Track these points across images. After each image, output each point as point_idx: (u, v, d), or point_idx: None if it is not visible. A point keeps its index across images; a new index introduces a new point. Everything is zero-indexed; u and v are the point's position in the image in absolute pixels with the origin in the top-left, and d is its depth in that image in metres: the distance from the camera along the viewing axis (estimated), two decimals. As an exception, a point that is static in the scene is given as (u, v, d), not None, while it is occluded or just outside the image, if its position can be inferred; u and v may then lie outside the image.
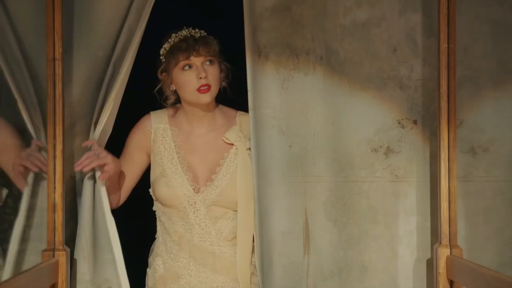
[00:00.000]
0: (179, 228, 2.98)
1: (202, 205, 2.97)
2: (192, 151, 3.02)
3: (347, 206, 3.07)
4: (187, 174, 2.98)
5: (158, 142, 3.02)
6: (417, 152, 3.06)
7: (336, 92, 3.09)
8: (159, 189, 2.98)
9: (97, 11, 3.07)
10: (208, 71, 2.94)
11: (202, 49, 2.94)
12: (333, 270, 2.95)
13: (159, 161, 3.00)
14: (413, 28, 3.10)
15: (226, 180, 2.99)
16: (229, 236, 2.97)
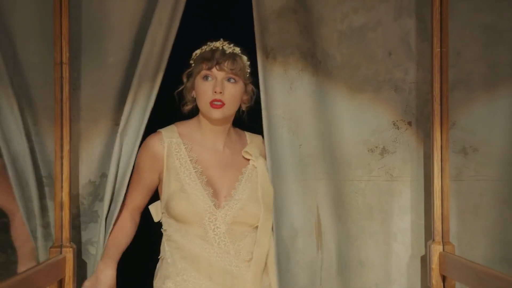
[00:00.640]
0: (195, 247, 2.88)
1: (223, 222, 2.88)
2: (209, 166, 2.94)
3: (344, 204, 3.12)
4: (207, 190, 2.89)
5: (173, 157, 2.92)
6: (411, 153, 3.13)
7: (334, 95, 3.14)
8: (178, 205, 2.88)
9: (106, 18, 3.12)
10: (227, 88, 2.88)
11: (227, 65, 2.88)
12: (342, 265, 3.03)
13: (175, 177, 2.91)
14: (408, 33, 3.16)
15: (246, 195, 2.92)
16: (247, 256, 2.90)
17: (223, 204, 2.88)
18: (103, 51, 3.15)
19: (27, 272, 2.37)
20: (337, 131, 3.13)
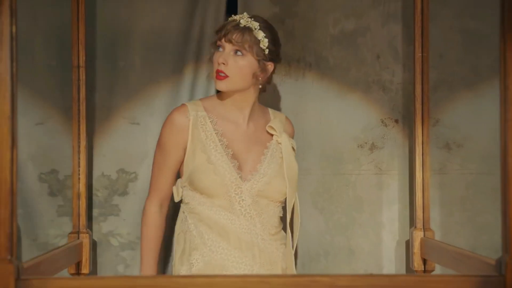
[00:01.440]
0: (222, 219, 2.84)
1: (248, 195, 2.85)
2: (234, 140, 2.89)
3: (335, 196, 3.30)
4: (233, 162, 2.85)
5: (198, 129, 2.87)
6: (398, 148, 3.30)
7: (326, 95, 3.30)
8: (205, 177, 2.83)
9: (118, 26, 3.30)
10: (231, 60, 2.82)
11: (234, 37, 2.82)
12: (320, 253, 3.21)
13: (201, 148, 2.86)
14: (395, 38, 3.32)
15: (272, 170, 2.89)
16: (272, 230, 2.89)
17: (249, 177, 2.84)
18: (116, 56, 3.30)
19: (50, 253, 2.63)
20: (329, 128, 3.30)
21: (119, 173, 3.26)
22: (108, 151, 3.28)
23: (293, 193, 2.87)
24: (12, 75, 1.97)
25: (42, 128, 3.22)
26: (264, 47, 2.83)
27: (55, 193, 3.25)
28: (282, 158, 2.88)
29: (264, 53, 2.83)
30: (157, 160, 2.88)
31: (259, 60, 2.83)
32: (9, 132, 1.96)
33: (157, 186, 2.89)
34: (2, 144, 1.96)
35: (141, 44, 3.33)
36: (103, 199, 3.25)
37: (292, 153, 2.90)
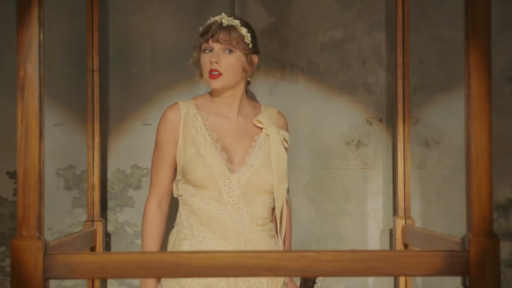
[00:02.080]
0: (211, 209, 2.79)
1: (237, 186, 2.79)
2: (224, 134, 2.85)
3: (325, 188, 3.40)
4: (222, 155, 2.80)
5: (189, 125, 2.84)
6: (382, 145, 3.40)
7: (317, 97, 3.40)
8: (195, 169, 2.80)
9: (129, 34, 3.40)
10: (223, 58, 2.79)
11: (222, 37, 2.79)
12: (311, 239, 3.33)
13: (191, 142, 2.83)
14: (379, 45, 3.41)
15: (259, 161, 2.83)
16: (259, 220, 2.82)
17: (237, 169, 2.79)
18: (127, 62, 3.41)
19: (69, 237, 2.76)
20: (319, 127, 3.40)
21: (133, 168, 3.38)
22: (123, 149, 3.40)
23: (281, 184, 2.82)
24: (40, 77, 2.13)
25: (60, 128, 3.35)
26: (248, 41, 2.82)
27: (71, 187, 3.37)
28: (270, 149, 2.84)
29: (249, 47, 2.82)
30: (154, 158, 2.86)
31: (246, 54, 2.82)
32: (38, 126, 2.13)
33: (155, 183, 2.85)
34: (32, 137, 2.13)
35: (151, 51, 3.42)
36: (119, 192, 3.37)
37: (281, 145, 2.85)
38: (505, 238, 3.41)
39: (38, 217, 2.11)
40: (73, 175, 3.40)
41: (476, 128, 2.11)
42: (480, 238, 2.07)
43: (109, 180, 3.39)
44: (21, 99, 2.15)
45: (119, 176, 3.39)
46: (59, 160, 3.36)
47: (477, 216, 2.08)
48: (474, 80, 2.11)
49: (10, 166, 3.40)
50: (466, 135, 2.13)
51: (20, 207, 2.10)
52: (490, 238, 2.07)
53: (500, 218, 3.42)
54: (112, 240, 3.38)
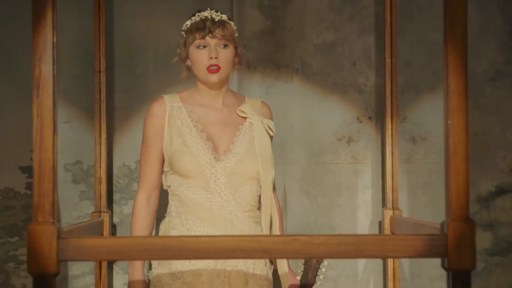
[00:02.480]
0: (198, 198, 2.78)
1: (223, 174, 2.77)
2: (208, 124, 2.84)
3: (318, 182, 3.48)
4: (207, 144, 2.79)
5: (174, 118, 2.83)
6: (371, 141, 3.49)
7: (311, 96, 3.48)
8: (181, 159, 2.78)
9: (133, 37, 3.48)
10: (220, 53, 2.79)
11: (218, 32, 2.79)
12: (305, 230, 3.42)
13: (177, 134, 2.81)
14: (368, 47, 3.49)
15: (244, 149, 2.81)
16: (246, 207, 2.81)
17: (223, 157, 2.78)
18: (132, 63, 3.48)
19: (78, 225, 2.89)
20: (312, 124, 3.48)
21: (137, 163, 3.44)
22: (127, 145, 3.49)
23: (267, 170, 2.80)
24: (53, 76, 2.25)
25: (68, 125, 3.44)
26: (236, 35, 2.87)
27: (79, 181, 3.48)
28: (254, 137, 2.83)
29: (236, 39, 2.86)
30: (142, 152, 2.87)
31: (236, 47, 2.84)
32: (51, 121, 2.24)
33: (143, 177, 2.85)
34: (46, 131, 2.25)
35: (154, 53, 3.50)
36: (124, 186, 3.47)
37: (265, 133, 2.84)
38: (487, 229, 3.53)
39: (52, 204, 2.23)
40: (80, 170, 3.50)
41: (454, 122, 2.25)
42: (458, 223, 2.21)
43: (115, 174, 3.49)
44: (36, 96, 2.26)
45: (124, 170, 3.49)
46: (67, 156, 3.44)
47: (455, 203, 2.23)
48: (452, 78, 2.24)
49: (22, 161, 3.49)
50: (445, 129, 2.27)
51: (36, 195, 2.21)
52: (467, 223, 2.20)
53: (482, 210, 3.54)
54: (117, 231, 3.49)
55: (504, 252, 3.57)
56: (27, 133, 3.26)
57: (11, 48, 3.53)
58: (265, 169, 2.78)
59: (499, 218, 3.56)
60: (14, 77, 3.51)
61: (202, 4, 3.45)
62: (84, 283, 3.48)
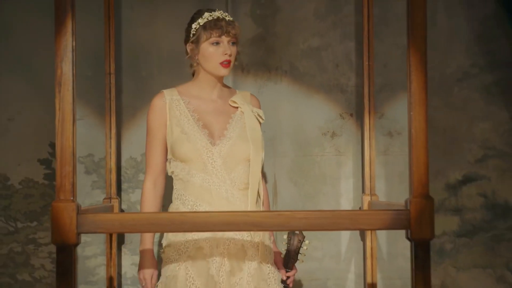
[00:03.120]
0: (198, 180, 2.88)
1: (218, 157, 2.88)
2: (204, 113, 2.95)
3: (305, 172, 3.63)
4: (203, 131, 2.90)
5: (174, 109, 2.93)
6: (353, 135, 3.62)
7: (298, 95, 3.62)
8: (181, 145, 2.89)
9: (139, 42, 3.59)
10: (231, 50, 2.91)
11: (232, 32, 2.90)
12: None
13: (176, 123, 2.92)
14: (350, 52, 3.62)
15: (236, 134, 2.91)
16: (241, 185, 2.90)
17: (218, 142, 2.89)
18: (138, 66, 3.60)
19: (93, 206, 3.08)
20: (300, 120, 3.61)
21: (143, 156, 3.60)
22: (134, 140, 3.62)
23: (257, 152, 2.90)
24: (72, 74, 2.47)
25: (81, 122, 3.55)
26: None
27: (91, 172, 3.64)
28: (245, 124, 2.94)
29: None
30: (147, 142, 2.97)
31: (238, 45, 2.98)
32: (71, 113, 2.47)
33: (149, 165, 2.96)
34: (67, 122, 2.46)
35: (158, 57, 3.63)
36: (131, 176, 3.63)
37: (255, 120, 2.95)
38: (455, 213, 3.71)
39: (72, 184, 2.45)
40: (92, 162, 3.67)
41: (415, 114, 2.47)
42: (419, 200, 2.43)
43: (123, 166, 3.65)
44: (58, 92, 2.48)
45: (131, 162, 3.66)
46: (80, 149, 3.56)
47: (416, 182, 2.45)
48: (413, 77, 2.47)
49: (40, 154, 3.68)
50: (408, 119, 2.48)
51: (58, 177, 2.45)
52: (427, 200, 2.43)
53: (450, 197, 3.72)
54: (125, 216, 3.67)
55: (470, 234, 3.74)
56: (44, 129, 3.63)
57: (29, 55, 3.68)
58: (256, 151, 2.89)
59: (466, 204, 3.73)
60: (32, 80, 3.67)
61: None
62: (96, 263, 3.66)
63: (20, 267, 3.70)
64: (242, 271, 2.87)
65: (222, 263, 2.85)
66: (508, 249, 3.77)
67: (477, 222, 3.76)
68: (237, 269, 2.87)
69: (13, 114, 3.69)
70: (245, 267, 2.88)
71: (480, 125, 3.74)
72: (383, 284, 3.67)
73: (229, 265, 2.86)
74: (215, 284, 2.84)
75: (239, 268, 2.87)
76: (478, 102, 3.74)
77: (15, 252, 3.70)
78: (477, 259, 3.76)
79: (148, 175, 2.99)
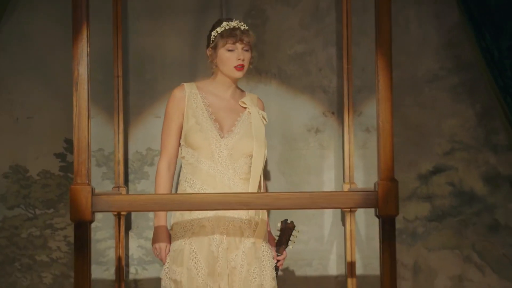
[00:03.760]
0: (205, 167, 3.02)
1: (225, 148, 3.02)
2: (217, 109, 3.09)
3: (292, 164, 3.78)
4: (215, 124, 3.05)
5: (191, 101, 3.07)
6: (334, 131, 3.77)
7: (285, 95, 3.77)
8: (194, 134, 3.03)
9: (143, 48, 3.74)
10: (245, 55, 3.06)
11: (245, 40, 3.05)
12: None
13: (192, 114, 3.06)
14: (331, 56, 3.77)
15: (243, 130, 3.06)
16: (242, 175, 3.04)
17: (226, 136, 3.05)
18: (143, 70, 3.75)
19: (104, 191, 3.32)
20: (287, 118, 3.77)
21: (147, 150, 3.79)
22: (140, 136, 3.79)
23: (260, 148, 3.04)
24: (87, 76, 2.68)
25: (93, 120, 3.60)
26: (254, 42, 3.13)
27: (101, 164, 3.81)
28: (251, 123, 3.09)
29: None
30: (164, 128, 3.10)
31: (252, 51, 3.12)
32: (86, 109, 2.69)
33: (165, 148, 3.09)
34: (83, 116, 2.69)
35: (161, 62, 3.76)
36: (137, 168, 3.79)
37: (260, 120, 3.09)
38: (426, 200, 3.87)
39: (87, 170, 2.69)
40: (102, 156, 3.82)
41: (382, 108, 2.70)
42: (385, 182, 2.66)
43: (130, 159, 3.81)
44: (75, 90, 2.70)
45: (137, 156, 3.83)
46: (92, 144, 3.32)
47: (383, 167, 2.68)
48: (381, 76, 2.70)
49: (56, 149, 3.85)
50: (376, 113, 2.70)
51: (76, 163, 2.67)
52: (392, 182, 2.66)
53: (422, 185, 3.88)
54: (132, 204, 3.86)
55: (439, 218, 3.91)
56: (59, 126, 3.80)
57: (46, 60, 3.85)
58: (258, 147, 3.05)
59: (435, 192, 3.88)
60: (48, 83, 3.84)
61: (198, 25, 3.80)
62: (106, 245, 3.85)
63: (38, 249, 3.87)
64: (238, 249, 3.04)
65: (221, 240, 3.03)
66: (473, 232, 3.92)
67: (446, 208, 3.89)
68: (234, 247, 3.04)
69: (32, 114, 3.86)
70: (241, 245, 3.05)
71: (448, 122, 3.87)
72: (361, 263, 3.84)
73: (227, 243, 3.04)
74: (214, 258, 3.02)
75: (235, 246, 3.04)
76: (446, 101, 3.86)
77: (34, 236, 3.88)
78: (446, 241, 3.89)
79: (163, 156, 3.11)
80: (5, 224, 3.87)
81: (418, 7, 3.85)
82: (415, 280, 3.93)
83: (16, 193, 3.88)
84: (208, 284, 3.02)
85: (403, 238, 3.90)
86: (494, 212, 3.92)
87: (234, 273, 3.03)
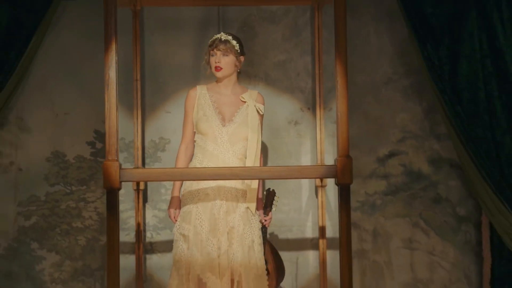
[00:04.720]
0: (210, 148, 3.37)
1: (226, 134, 3.37)
2: (221, 104, 3.42)
3: (276, 150, 4.12)
4: (218, 116, 3.40)
5: (201, 99, 3.41)
6: (310, 123, 4.09)
7: (271, 95, 4.03)
8: (202, 123, 3.37)
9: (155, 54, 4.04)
10: (222, 59, 3.36)
11: (222, 47, 3.36)
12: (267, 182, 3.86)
13: (201, 108, 3.39)
14: (307, 63, 4.07)
15: (240, 120, 3.39)
16: (240, 156, 3.38)
17: (227, 124, 3.39)
18: (156, 75, 4.08)
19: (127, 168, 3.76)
20: (272, 113, 4.04)
21: (160, 139, 4.14)
22: (154, 127, 4.11)
23: (254, 133, 3.39)
24: (116, 78, 3.07)
25: None
26: (237, 49, 3.43)
27: (122, 151, 4.14)
28: (248, 114, 3.41)
29: (238, 52, 3.43)
30: (184, 120, 3.50)
31: (236, 56, 3.41)
32: (115, 104, 3.09)
33: (184, 135, 3.50)
34: (113, 109, 3.09)
35: (170, 68, 4.10)
36: (152, 153, 4.13)
37: (255, 112, 3.41)
38: (383, 179, 4.18)
39: (116, 149, 3.12)
40: (123, 143, 4.16)
41: (340, 101, 3.13)
42: (342, 158, 3.09)
43: (146, 146, 4.15)
44: (107, 90, 3.10)
45: (152, 144, 4.18)
46: None
47: (341, 146, 3.10)
48: (339, 77, 3.13)
49: (87, 138, 4.20)
50: (336, 104, 3.11)
51: (107, 144, 3.09)
52: (347, 158, 3.09)
53: (380, 167, 4.19)
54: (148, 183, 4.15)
55: (394, 193, 4.19)
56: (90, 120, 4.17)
57: (79, 68, 4.17)
58: (252, 133, 3.41)
59: (390, 171, 4.18)
60: (81, 85, 4.16)
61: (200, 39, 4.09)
62: (127, 215, 4.21)
63: (74, 218, 4.18)
64: (235, 213, 3.41)
65: (221, 205, 3.41)
66: (420, 204, 4.20)
67: (399, 185, 4.16)
68: (232, 211, 3.41)
69: (68, 110, 4.19)
70: (237, 210, 3.41)
71: (400, 116, 4.15)
72: (331, 229, 4.18)
73: (226, 207, 3.41)
74: (215, 220, 3.40)
75: (233, 210, 3.41)
76: (398, 99, 4.15)
77: (71, 207, 4.21)
78: (399, 211, 4.17)
79: (182, 140, 3.51)
80: (48, 198, 4.18)
81: (376, 23, 4.15)
82: (374, 242, 4.21)
83: (56, 174, 4.18)
84: (209, 238, 3.46)
85: (365, 209, 4.22)
86: (437, 187, 4.17)
87: (233, 232, 3.44)
